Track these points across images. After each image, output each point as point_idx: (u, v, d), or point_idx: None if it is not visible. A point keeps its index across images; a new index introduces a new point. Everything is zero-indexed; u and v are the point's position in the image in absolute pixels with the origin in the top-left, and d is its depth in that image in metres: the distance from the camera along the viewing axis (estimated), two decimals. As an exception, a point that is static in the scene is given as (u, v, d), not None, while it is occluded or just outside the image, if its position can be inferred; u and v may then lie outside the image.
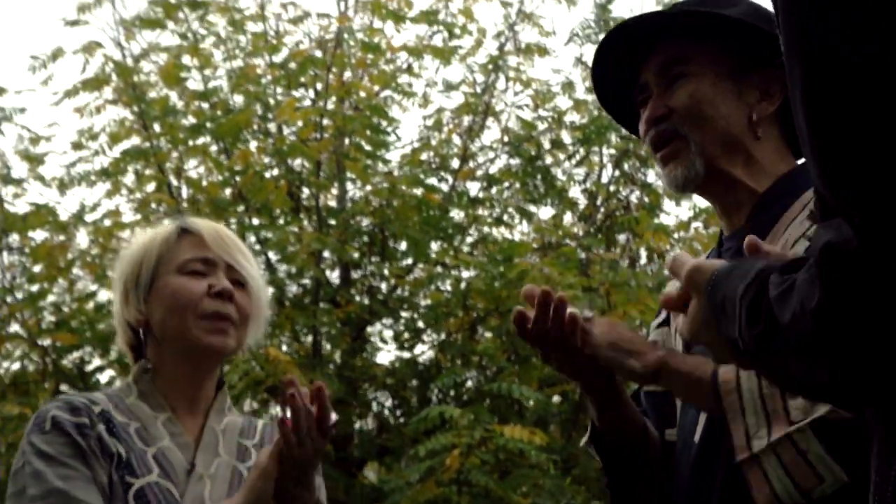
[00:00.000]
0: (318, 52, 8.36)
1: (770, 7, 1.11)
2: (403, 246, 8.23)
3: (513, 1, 8.65)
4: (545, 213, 8.74)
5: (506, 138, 8.74)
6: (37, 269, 8.04)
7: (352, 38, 8.21)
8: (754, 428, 1.68)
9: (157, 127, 7.96)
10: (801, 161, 1.97)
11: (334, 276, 8.29)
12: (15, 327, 7.85)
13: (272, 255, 8.12)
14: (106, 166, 8.11)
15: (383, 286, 8.21)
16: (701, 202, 8.21)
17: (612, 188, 8.65)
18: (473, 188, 8.72)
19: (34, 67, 7.93)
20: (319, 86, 8.34)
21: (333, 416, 2.05)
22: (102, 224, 8.20)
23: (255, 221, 8.06)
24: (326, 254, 8.12)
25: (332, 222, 8.14)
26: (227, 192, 8.18)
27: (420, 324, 8.15)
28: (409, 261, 8.18)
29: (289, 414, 2.03)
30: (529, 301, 1.87)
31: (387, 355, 8.25)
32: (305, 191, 8.37)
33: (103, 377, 7.97)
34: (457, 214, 8.51)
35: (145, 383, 2.20)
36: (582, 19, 8.94)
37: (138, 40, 8.32)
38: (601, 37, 2.29)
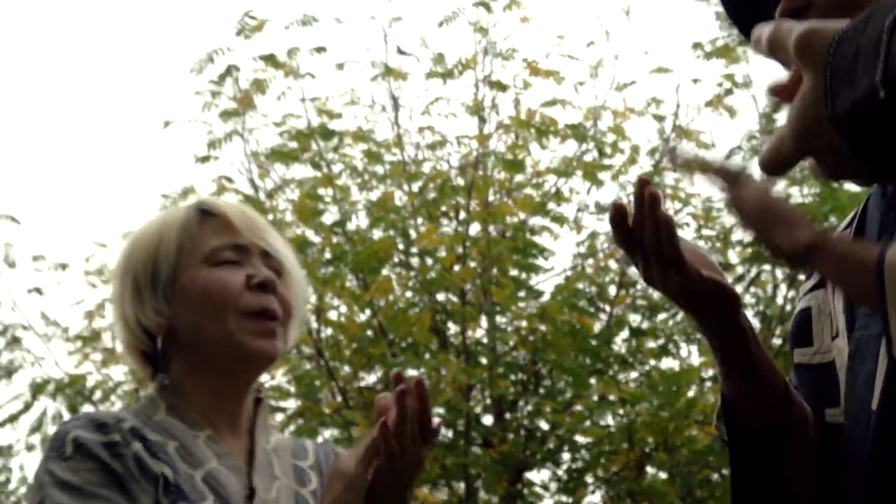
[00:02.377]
0: (459, 179, 8.15)
1: None
2: (560, 381, 7.86)
3: (666, 115, 8.35)
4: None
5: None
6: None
7: (493, 158, 7.99)
8: None
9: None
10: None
11: (487, 419, 7.96)
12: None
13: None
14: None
15: (542, 423, 7.81)
16: None
17: (788, 309, 8.13)
18: (636, 319, 8.33)
19: (165, 207, 7.86)
20: (463, 215, 8.11)
21: (436, 420, 1.75)
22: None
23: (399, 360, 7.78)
24: (479, 394, 7.82)
25: (483, 361, 7.82)
26: (370, 333, 7.95)
27: (580, 463, 7.71)
28: (567, 395, 7.78)
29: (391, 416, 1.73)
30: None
31: (547, 501, 7.85)
32: (452, 327, 8.07)
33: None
34: (618, 346, 8.13)
35: (172, 397, 1.87)
36: (745, 130, 8.50)
37: (272, 176, 8.24)
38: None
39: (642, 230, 1.52)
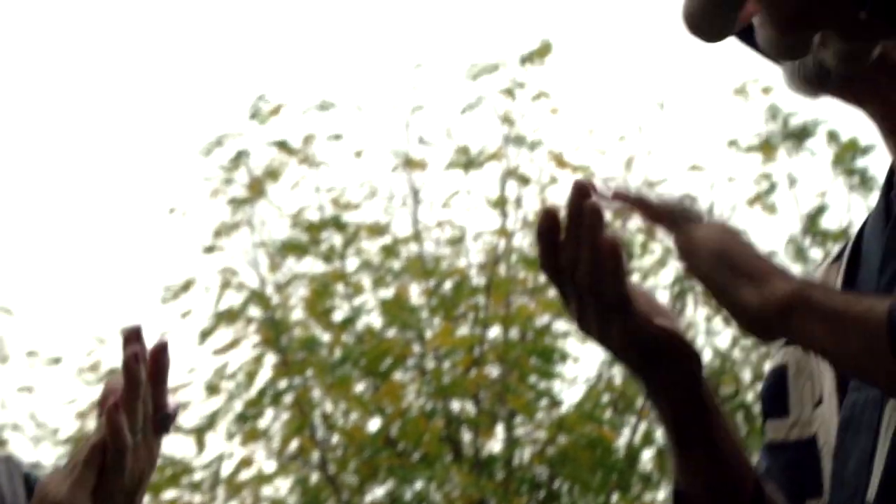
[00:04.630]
0: (479, 278, 7.90)
1: None
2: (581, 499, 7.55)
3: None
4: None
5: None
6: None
7: (515, 256, 7.75)
8: None
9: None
10: None
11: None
12: None
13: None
14: (241, 410, 7.68)
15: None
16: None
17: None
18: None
19: (166, 299, 7.65)
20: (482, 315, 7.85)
21: (173, 401, 1.29)
22: (238, 478, 7.71)
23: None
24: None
25: (500, 476, 7.51)
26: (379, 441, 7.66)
27: None
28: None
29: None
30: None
31: None
32: (467, 436, 7.77)
33: None
34: (644, 463, 7.81)
35: None
36: (788, 235, 8.16)
37: (283, 270, 8.00)
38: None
39: (577, 257, 1.21)
